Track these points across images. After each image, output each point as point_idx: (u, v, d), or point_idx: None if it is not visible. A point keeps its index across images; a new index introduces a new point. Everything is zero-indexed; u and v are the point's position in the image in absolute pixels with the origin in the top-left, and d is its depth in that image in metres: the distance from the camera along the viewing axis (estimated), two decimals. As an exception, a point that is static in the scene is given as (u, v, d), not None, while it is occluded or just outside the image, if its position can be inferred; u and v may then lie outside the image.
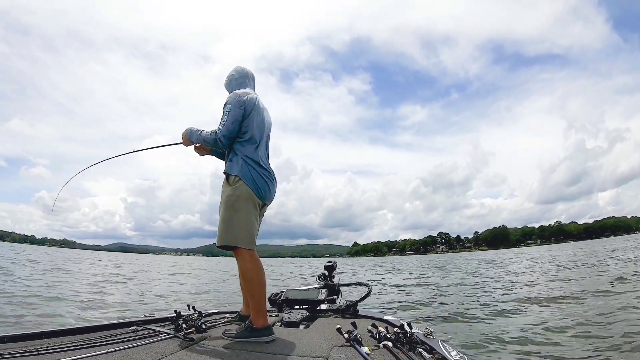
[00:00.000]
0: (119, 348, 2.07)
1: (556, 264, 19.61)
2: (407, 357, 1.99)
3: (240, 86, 2.86)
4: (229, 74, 2.94)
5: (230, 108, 2.58)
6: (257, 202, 2.62)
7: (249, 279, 2.50)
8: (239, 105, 2.60)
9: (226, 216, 2.50)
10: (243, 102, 2.62)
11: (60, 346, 2.06)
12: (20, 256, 30.46)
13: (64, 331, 2.46)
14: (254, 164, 2.62)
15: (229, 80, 2.91)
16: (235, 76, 2.91)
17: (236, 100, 2.61)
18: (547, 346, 4.44)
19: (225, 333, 2.49)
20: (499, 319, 6.19)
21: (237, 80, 2.89)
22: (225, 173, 2.63)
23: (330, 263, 4.08)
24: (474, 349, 4.55)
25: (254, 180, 2.59)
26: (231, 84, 2.89)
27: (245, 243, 2.50)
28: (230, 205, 2.51)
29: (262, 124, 2.74)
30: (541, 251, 53.96)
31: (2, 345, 2.10)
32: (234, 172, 2.57)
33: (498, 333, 5.18)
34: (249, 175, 2.57)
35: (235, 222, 2.49)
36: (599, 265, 16.05)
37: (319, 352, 2.16)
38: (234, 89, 2.81)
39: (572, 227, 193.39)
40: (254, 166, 2.62)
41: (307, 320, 3.27)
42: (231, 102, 2.60)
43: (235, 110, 2.57)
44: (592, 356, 3.96)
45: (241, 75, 2.91)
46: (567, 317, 5.86)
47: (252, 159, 2.63)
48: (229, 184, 2.58)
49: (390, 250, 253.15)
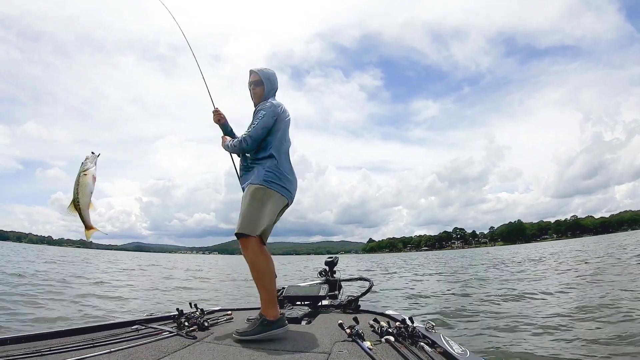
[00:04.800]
0: (121, 347, 2.09)
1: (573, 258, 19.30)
2: (409, 351, 2.01)
3: (273, 97, 2.92)
4: (269, 76, 2.92)
5: (264, 115, 2.67)
6: (283, 202, 2.71)
7: (261, 270, 2.50)
8: (273, 115, 2.70)
9: (252, 206, 2.53)
10: (277, 113, 2.73)
11: (63, 346, 2.08)
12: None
13: (66, 331, 2.49)
14: (279, 172, 2.68)
15: (269, 89, 2.90)
16: (275, 86, 2.94)
17: (272, 110, 2.70)
18: (551, 341, 4.39)
19: (238, 334, 2.41)
20: (504, 312, 6.18)
21: (273, 91, 2.94)
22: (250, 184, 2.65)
23: (331, 259, 4.08)
24: (475, 342, 4.54)
25: (282, 185, 2.67)
26: (270, 92, 2.91)
27: (263, 235, 2.54)
28: (259, 197, 2.56)
29: (285, 132, 2.83)
30: (555, 246, 53.02)
31: (5, 347, 2.12)
32: (257, 181, 2.61)
33: (500, 327, 5.16)
34: (277, 181, 2.65)
35: (260, 213, 2.53)
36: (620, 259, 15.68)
37: (322, 347, 2.18)
38: (269, 97, 2.86)
39: (588, 221, 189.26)
40: (280, 174, 2.68)
41: (309, 316, 3.29)
42: (266, 110, 2.68)
43: (268, 119, 2.67)
44: (594, 355, 3.90)
45: (275, 88, 2.96)
46: (576, 311, 5.76)
47: (279, 168, 2.69)
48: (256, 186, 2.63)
49: (405, 247, 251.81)
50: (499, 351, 4.17)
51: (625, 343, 4.06)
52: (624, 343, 4.07)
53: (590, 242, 50.52)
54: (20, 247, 74.26)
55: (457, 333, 4.93)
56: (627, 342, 4.07)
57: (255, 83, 2.89)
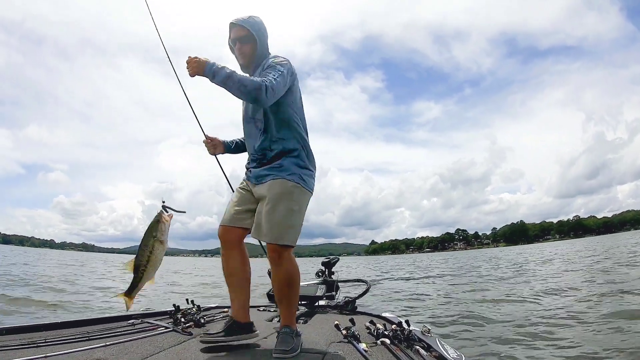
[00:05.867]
0: (117, 341, 2.09)
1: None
2: (404, 354, 2.00)
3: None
4: (260, 27, 2.21)
5: (283, 71, 2.03)
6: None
7: (296, 283, 2.13)
8: (290, 74, 2.10)
9: (292, 210, 2.04)
10: (294, 74, 2.16)
11: (59, 339, 2.09)
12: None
13: (62, 324, 2.50)
14: (312, 162, 2.23)
15: (263, 45, 2.22)
16: (267, 41, 2.27)
17: (289, 68, 2.09)
18: (550, 349, 4.27)
19: (277, 353, 1.96)
20: (500, 318, 6.07)
21: (267, 48, 2.28)
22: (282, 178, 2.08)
23: (328, 259, 4.06)
24: (471, 347, 4.48)
25: (313, 181, 2.23)
26: (264, 50, 2.25)
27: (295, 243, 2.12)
28: (297, 199, 2.08)
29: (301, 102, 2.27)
30: (559, 247, 52.85)
31: (1, 337, 2.13)
32: (294, 179, 2.08)
33: (496, 332, 5.08)
34: (311, 177, 2.21)
35: (298, 221, 2.09)
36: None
37: (317, 348, 2.16)
38: (264, 57, 2.22)
39: (590, 221, 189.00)
40: (313, 166, 2.23)
41: (305, 316, 3.29)
42: (284, 66, 2.06)
43: (287, 77, 2.05)
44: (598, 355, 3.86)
45: (267, 43, 2.29)
46: (577, 314, 5.68)
47: (310, 156, 2.22)
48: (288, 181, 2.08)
49: (407, 248, 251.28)
50: (496, 357, 4.08)
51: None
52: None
53: (593, 243, 50.34)
54: (36, 252, 74.13)
55: (453, 338, 4.86)
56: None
57: (243, 39, 2.18)
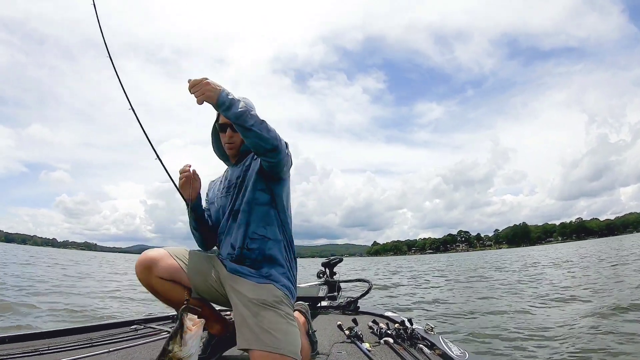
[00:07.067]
0: (120, 347, 2.10)
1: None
2: (408, 353, 2.01)
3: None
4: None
5: (289, 153, 1.75)
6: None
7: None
8: (290, 161, 1.80)
9: (291, 321, 1.63)
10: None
11: (61, 346, 2.10)
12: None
13: (64, 331, 2.51)
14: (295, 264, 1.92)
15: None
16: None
17: (290, 155, 1.77)
18: (549, 345, 4.32)
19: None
20: (506, 317, 6.08)
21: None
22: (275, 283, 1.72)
23: (328, 260, 4.06)
24: (475, 344, 4.50)
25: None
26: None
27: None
28: (290, 311, 1.69)
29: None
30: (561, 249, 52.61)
31: (4, 345, 2.14)
32: (284, 290, 1.73)
33: (500, 330, 5.11)
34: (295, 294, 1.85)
35: (295, 332, 1.62)
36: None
37: (320, 348, 2.17)
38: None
39: (593, 223, 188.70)
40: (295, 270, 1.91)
41: None
42: (287, 151, 1.73)
43: (289, 164, 1.79)
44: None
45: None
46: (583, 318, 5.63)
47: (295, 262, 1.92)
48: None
49: (410, 250, 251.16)
50: (500, 354, 4.10)
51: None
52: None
53: (595, 245, 50.14)
54: (43, 251, 74.22)
55: (457, 335, 4.88)
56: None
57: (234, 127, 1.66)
